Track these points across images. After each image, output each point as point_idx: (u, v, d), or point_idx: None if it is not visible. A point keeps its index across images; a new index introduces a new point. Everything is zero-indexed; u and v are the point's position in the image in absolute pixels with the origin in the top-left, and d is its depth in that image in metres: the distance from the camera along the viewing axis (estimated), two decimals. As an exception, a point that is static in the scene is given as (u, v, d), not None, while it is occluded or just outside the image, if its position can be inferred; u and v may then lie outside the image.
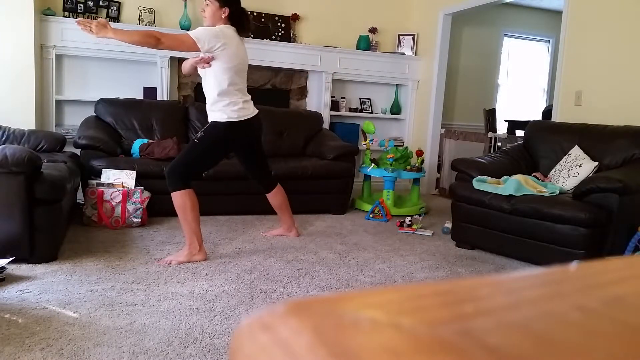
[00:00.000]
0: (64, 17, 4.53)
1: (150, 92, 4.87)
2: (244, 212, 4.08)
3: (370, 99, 5.95)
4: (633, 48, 3.65)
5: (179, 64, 4.96)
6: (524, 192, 3.17)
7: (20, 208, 2.57)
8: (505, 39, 7.39)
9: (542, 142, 3.83)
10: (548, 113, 4.82)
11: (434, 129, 5.75)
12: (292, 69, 5.46)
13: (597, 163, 3.34)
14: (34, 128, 4.16)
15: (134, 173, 3.62)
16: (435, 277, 2.91)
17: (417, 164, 4.58)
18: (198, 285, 2.51)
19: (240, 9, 2.91)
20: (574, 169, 3.39)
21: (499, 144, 5.35)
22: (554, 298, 0.26)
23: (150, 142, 4.15)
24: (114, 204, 3.48)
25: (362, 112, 5.85)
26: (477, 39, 7.01)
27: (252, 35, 5.18)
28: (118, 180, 3.57)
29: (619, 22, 3.74)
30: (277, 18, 5.37)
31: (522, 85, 7.77)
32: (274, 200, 3.38)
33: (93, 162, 3.66)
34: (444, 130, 5.85)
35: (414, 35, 5.88)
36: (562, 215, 2.91)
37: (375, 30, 5.78)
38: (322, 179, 4.30)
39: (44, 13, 4.41)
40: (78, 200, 3.72)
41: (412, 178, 4.63)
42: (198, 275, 2.66)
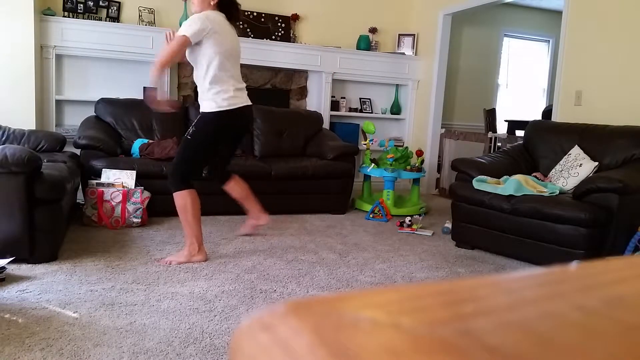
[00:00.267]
0: (64, 17, 4.53)
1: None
2: (244, 212, 4.07)
3: (370, 99, 5.95)
4: (633, 48, 3.65)
5: (179, 64, 4.96)
6: (524, 192, 3.17)
7: (20, 208, 2.57)
8: (505, 39, 7.39)
9: (542, 142, 3.83)
10: (548, 113, 4.82)
11: (434, 129, 5.75)
12: (292, 69, 5.46)
13: (597, 163, 3.34)
14: (34, 128, 4.15)
15: (134, 173, 3.62)
16: (435, 277, 2.91)
17: (417, 164, 4.58)
18: (198, 285, 2.51)
19: None
20: (574, 169, 3.39)
21: (499, 144, 5.35)
22: (554, 298, 0.26)
23: (150, 142, 4.15)
24: (114, 204, 3.48)
25: (362, 112, 5.85)
26: (477, 39, 7.01)
27: (249, 33, 5.18)
28: (118, 180, 3.57)
29: (619, 22, 3.74)
30: (277, 18, 5.37)
31: (522, 85, 7.77)
32: (237, 191, 3.26)
33: (93, 162, 3.66)
34: (444, 130, 5.85)
35: (414, 35, 5.88)
36: (562, 215, 2.91)
37: (375, 30, 5.78)
38: (322, 179, 4.30)
39: (44, 13, 4.41)
40: (78, 200, 3.72)
41: (412, 178, 4.63)
42: (198, 275, 2.66)
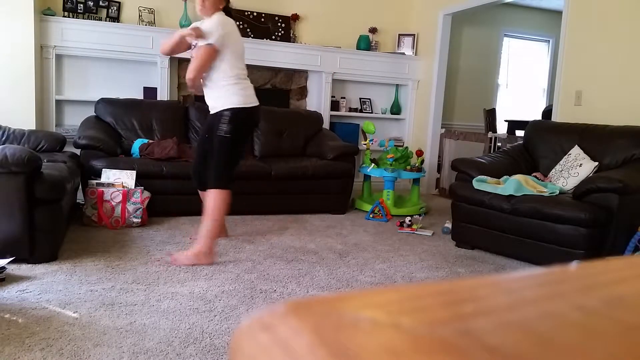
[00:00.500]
0: (64, 17, 4.53)
1: (150, 92, 4.87)
2: (244, 212, 4.07)
3: (370, 99, 5.95)
4: (633, 48, 3.65)
5: (179, 64, 4.96)
6: (524, 192, 3.17)
7: (20, 208, 2.57)
8: (505, 39, 7.39)
9: (542, 142, 3.83)
10: (548, 113, 4.82)
11: (434, 129, 5.75)
12: (292, 69, 5.46)
13: (597, 163, 3.34)
14: (34, 128, 4.15)
15: (134, 173, 3.62)
16: (435, 277, 2.91)
17: (417, 164, 4.58)
18: (198, 285, 2.51)
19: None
20: (574, 169, 3.39)
21: (499, 144, 5.35)
22: (554, 298, 0.26)
23: (150, 142, 4.15)
24: (114, 204, 3.48)
25: (362, 112, 5.85)
26: (477, 39, 7.01)
27: (249, 33, 5.18)
28: (118, 180, 3.57)
29: (619, 22, 3.74)
30: (277, 18, 5.37)
31: (522, 85, 7.77)
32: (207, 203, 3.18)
33: (93, 162, 3.66)
34: (444, 130, 5.85)
35: (414, 35, 5.88)
36: (562, 215, 2.91)
37: (375, 30, 5.78)
38: (322, 179, 4.30)
39: (44, 13, 4.41)
40: (78, 200, 3.72)
41: (412, 178, 4.63)
42: (198, 275, 2.66)
